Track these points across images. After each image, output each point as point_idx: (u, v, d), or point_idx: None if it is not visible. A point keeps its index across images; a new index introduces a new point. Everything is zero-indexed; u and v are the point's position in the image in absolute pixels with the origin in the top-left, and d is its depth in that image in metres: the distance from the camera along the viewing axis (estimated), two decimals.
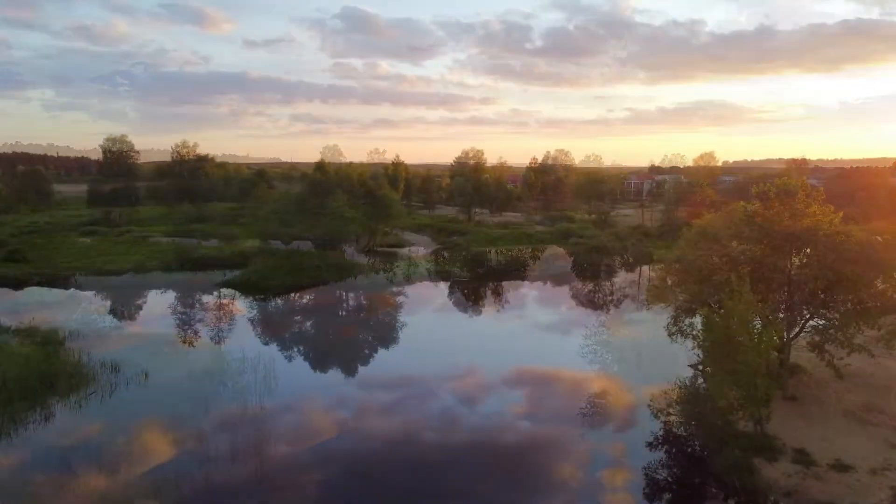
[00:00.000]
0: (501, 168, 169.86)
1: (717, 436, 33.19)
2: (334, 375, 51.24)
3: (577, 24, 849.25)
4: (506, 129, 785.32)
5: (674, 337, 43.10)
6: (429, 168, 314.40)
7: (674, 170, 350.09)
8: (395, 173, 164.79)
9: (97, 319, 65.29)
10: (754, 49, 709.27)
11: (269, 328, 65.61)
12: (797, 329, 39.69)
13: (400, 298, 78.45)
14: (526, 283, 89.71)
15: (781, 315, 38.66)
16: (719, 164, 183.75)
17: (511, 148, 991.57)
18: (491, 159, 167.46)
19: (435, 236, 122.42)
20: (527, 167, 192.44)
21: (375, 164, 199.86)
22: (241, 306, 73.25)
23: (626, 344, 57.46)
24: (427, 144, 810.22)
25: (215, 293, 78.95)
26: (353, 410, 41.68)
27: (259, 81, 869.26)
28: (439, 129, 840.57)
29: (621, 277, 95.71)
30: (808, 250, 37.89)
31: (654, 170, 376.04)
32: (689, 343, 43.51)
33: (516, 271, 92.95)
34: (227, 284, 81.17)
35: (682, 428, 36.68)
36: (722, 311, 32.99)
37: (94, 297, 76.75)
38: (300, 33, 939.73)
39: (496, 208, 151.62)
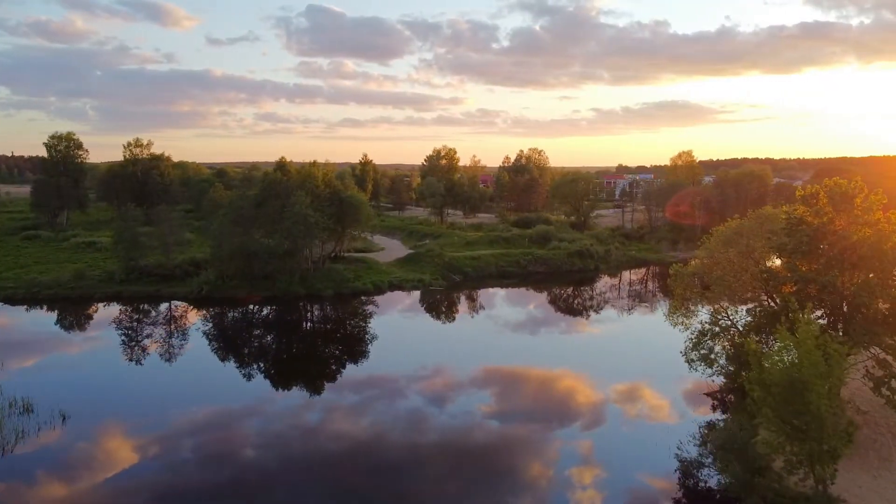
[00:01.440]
0: (475, 168, 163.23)
1: (767, 499, 26.62)
2: (296, 393, 44.64)
3: (543, 25, 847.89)
4: (473, 129, 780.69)
5: (694, 365, 36.67)
6: (397, 168, 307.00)
7: (641, 169, 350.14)
8: (363, 173, 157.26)
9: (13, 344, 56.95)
10: (716, 50, 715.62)
11: (224, 344, 58.80)
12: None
13: (368, 311, 71.18)
14: (510, 290, 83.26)
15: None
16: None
17: (478, 148, 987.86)
18: (461, 159, 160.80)
19: (406, 239, 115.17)
20: (500, 167, 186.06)
21: (342, 164, 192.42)
22: (192, 321, 65.43)
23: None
24: (394, 144, 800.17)
25: (163, 307, 70.89)
26: (319, 415, 40.71)
27: (223, 80, 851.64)
28: (406, 128, 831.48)
29: (605, 283, 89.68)
30: (867, 265, 31.29)
31: (621, 169, 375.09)
32: (702, 367, 37.43)
33: (497, 279, 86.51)
34: (175, 297, 73.10)
35: (719, 483, 30.11)
36: (778, 344, 26.37)
37: (19, 315, 68.15)
38: (265, 31, 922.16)
39: (469, 209, 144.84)
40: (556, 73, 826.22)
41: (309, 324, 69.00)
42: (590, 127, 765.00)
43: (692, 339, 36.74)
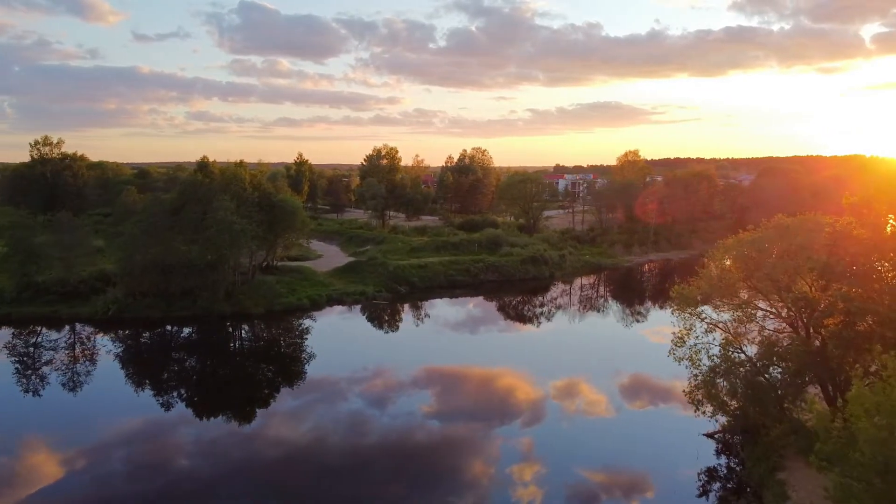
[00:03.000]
0: (418, 168, 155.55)
1: None
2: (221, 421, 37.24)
3: (479, 26, 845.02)
4: (411, 129, 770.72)
5: (701, 407, 30.31)
6: (335, 168, 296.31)
7: (578, 169, 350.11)
8: (298, 173, 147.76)
9: None
10: (647, 53, 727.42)
11: (135, 373, 51.34)
12: None
13: (303, 330, 63.10)
14: (462, 302, 76.33)
15: None
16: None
17: (417, 148, 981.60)
18: (402, 158, 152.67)
19: (345, 245, 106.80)
20: (442, 167, 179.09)
21: (279, 164, 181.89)
22: (94, 348, 56.12)
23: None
24: (332, 144, 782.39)
25: (65, 331, 61.06)
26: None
27: (152, 77, 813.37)
28: (344, 128, 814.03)
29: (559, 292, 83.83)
30: None
31: (559, 169, 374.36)
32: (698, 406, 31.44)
33: (446, 289, 79.39)
34: (78, 318, 63.22)
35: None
36: (861, 405, 19.73)
37: None
38: (195, 28, 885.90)
39: (413, 212, 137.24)
40: (493, 73, 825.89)
41: (237, 344, 60.40)
42: (526, 127, 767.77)
43: (701, 378, 30.28)
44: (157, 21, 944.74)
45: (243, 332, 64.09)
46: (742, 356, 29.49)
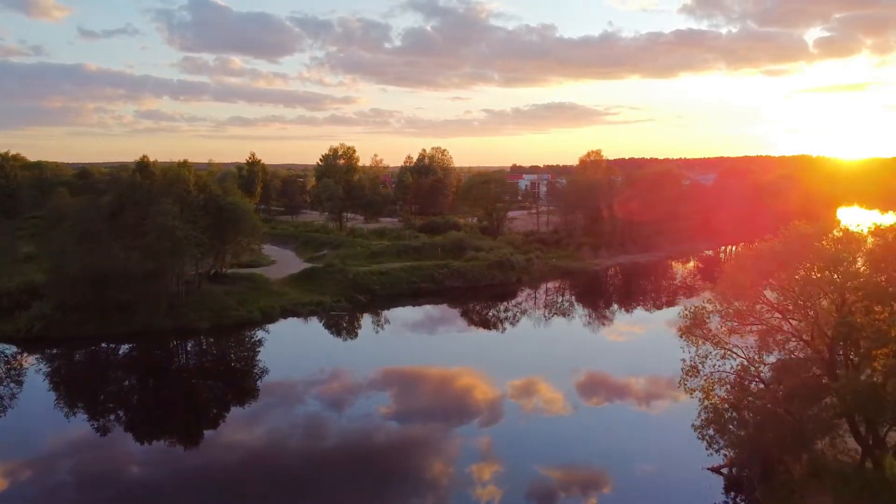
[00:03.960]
0: (377, 168, 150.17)
1: None
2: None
3: (435, 26, 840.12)
4: (367, 129, 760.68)
5: (714, 444, 26.29)
6: (290, 168, 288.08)
7: (535, 169, 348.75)
8: (250, 174, 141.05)
9: None
10: (600, 55, 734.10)
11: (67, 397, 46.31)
12: None
13: (254, 348, 57.78)
14: (428, 311, 71.76)
15: None
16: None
17: (373, 148, 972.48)
18: (360, 158, 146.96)
19: (301, 250, 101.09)
20: (401, 167, 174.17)
21: (232, 164, 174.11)
22: (23, 368, 49.87)
23: None
24: (287, 144, 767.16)
25: None
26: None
27: (99, 75, 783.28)
28: (299, 128, 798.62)
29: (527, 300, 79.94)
30: None
31: (516, 169, 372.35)
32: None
33: (410, 297, 74.60)
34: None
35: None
36: None
37: None
38: (144, 25, 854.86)
39: (371, 214, 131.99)
40: (448, 73, 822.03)
41: (183, 360, 54.72)
42: (482, 127, 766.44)
43: (712, 411, 26.23)
44: (104, 17, 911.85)
45: (189, 347, 58.45)
46: (761, 385, 25.67)
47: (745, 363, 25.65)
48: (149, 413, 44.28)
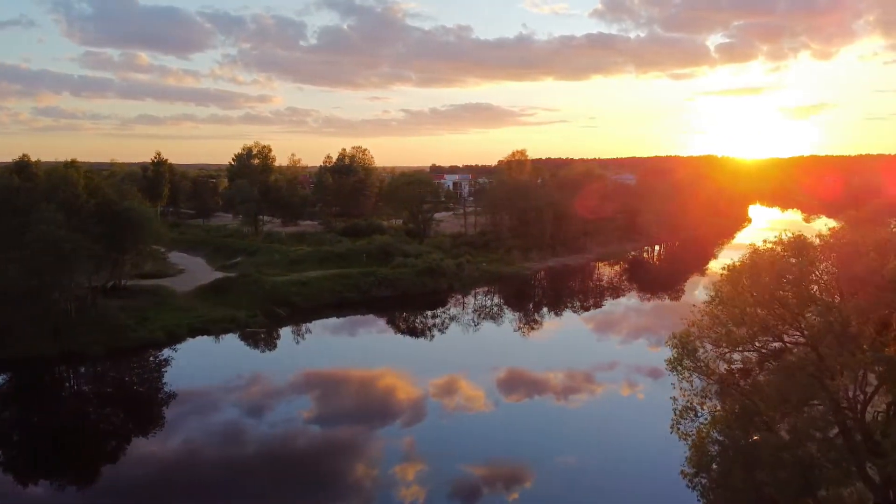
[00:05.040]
0: (295, 168, 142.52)
1: None
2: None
3: (351, 25, 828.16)
4: (283, 128, 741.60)
5: (706, 496, 22.28)
6: (202, 168, 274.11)
7: (454, 169, 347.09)
8: (156, 175, 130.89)
9: None
10: (515, 56, 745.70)
11: None
12: None
13: (158, 368, 50.82)
14: (355, 326, 66.09)
15: None
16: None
17: (290, 148, 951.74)
18: (276, 158, 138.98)
19: (213, 257, 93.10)
20: (320, 166, 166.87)
21: (136, 165, 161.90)
22: None
23: None
24: (199, 143, 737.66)
25: None
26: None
27: None
28: (212, 127, 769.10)
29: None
30: None
31: (435, 169, 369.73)
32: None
33: (334, 309, 68.65)
34: None
35: None
36: None
37: None
38: (40, 16, 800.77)
39: (290, 217, 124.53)
40: (366, 73, 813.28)
41: (75, 387, 47.14)
42: (400, 127, 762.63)
43: (708, 458, 22.18)
44: None
45: (82, 373, 51.03)
46: (763, 422, 21.91)
47: (746, 402, 21.76)
48: (34, 450, 38.02)
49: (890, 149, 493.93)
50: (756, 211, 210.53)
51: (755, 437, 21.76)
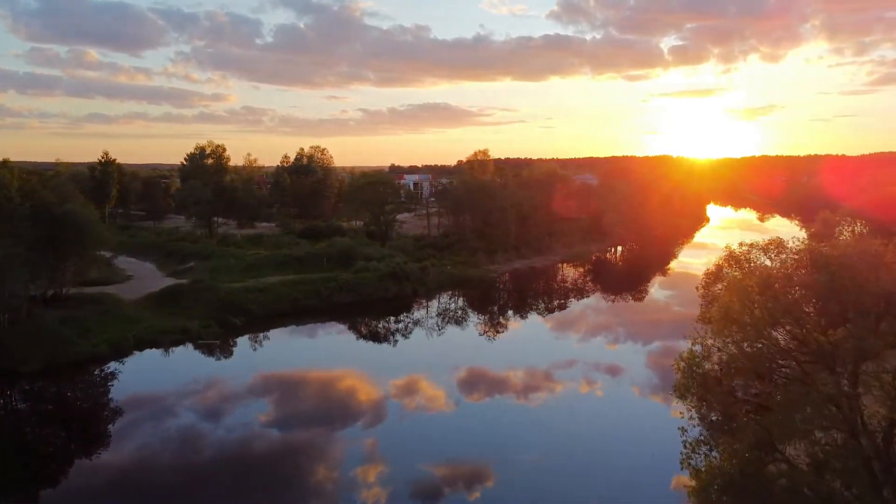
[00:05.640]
0: (251, 168, 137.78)
1: None
2: None
3: (307, 23, 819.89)
4: (239, 127, 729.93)
5: None
6: (155, 168, 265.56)
7: (413, 169, 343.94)
8: (104, 175, 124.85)
9: None
10: (473, 57, 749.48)
11: None
12: None
13: (104, 383, 46.87)
14: (315, 335, 62.77)
15: None
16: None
17: (246, 148, 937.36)
18: (232, 158, 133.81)
19: (164, 262, 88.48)
20: (277, 166, 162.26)
21: (79, 164, 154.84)
22: None
23: None
24: (152, 143, 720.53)
25: None
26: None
27: None
28: (165, 126, 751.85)
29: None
30: None
31: (394, 169, 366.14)
32: None
33: (293, 316, 65.17)
34: None
35: None
36: None
37: None
38: None
39: (246, 219, 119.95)
40: (323, 72, 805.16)
41: (13, 404, 42.99)
42: (358, 127, 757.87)
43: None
44: None
45: (17, 392, 46.76)
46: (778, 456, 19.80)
47: (760, 430, 19.56)
48: None
49: (832, 149, 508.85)
50: (711, 210, 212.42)
51: (770, 467, 19.53)
